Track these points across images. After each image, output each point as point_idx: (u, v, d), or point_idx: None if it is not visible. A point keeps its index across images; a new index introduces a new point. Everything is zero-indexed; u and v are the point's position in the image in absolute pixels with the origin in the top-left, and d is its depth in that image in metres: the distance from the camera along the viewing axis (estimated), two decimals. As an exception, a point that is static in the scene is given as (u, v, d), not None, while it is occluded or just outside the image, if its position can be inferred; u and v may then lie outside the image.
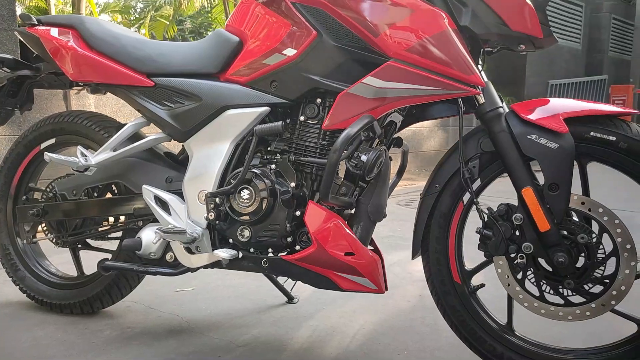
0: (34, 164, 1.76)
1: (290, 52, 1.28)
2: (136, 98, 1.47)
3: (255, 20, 1.34)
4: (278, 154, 1.34)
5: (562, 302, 1.17)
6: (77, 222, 1.65)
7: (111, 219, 1.64)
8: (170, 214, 1.40)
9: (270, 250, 1.33)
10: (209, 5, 10.85)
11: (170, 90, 1.43)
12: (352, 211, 1.34)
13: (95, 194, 1.64)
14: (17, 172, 1.76)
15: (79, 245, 1.72)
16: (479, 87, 1.18)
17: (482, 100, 1.20)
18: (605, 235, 1.13)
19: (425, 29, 1.14)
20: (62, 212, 1.61)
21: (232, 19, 1.42)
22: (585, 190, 1.19)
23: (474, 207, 1.22)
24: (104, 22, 1.57)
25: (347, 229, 1.26)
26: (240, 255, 1.35)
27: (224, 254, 1.29)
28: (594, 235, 1.13)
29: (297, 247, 1.32)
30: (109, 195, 1.65)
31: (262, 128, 1.29)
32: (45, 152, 1.54)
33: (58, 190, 1.61)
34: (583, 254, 1.14)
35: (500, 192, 1.48)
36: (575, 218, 1.16)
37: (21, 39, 1.67)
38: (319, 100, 1.30)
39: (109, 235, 1.67)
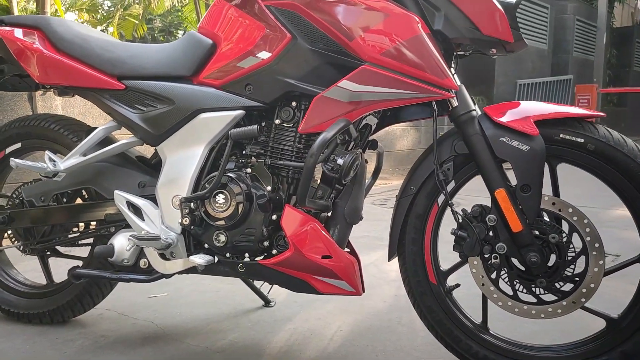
0: (-2, 169, 1.71)
1: (264, 55, 1.27)
2: (107, 101, 1.44)
3: (229, 23, 1.33)
4: (253, 158, 1.33)
5: (535, 300, 1.19)
6: (45, 228, 1.60)
7: (82, 226, 1.60)
8: (143, 220, 1.37)
9: (246, 254, 1.31)
10: (179, 4, 10.70)
11: (142, 94, 1.40)
12: (329, 214, 1.35)
13: (65, 200, 1.59)
14: (-18, 178, 1.70)
15: (48, 253, 1.67)
16: (453, 90, 1.19)
17: (455, 103, 1.21)
18: (575, 235, 1.16)
19: (400, 33, 1.15)
20: (29, 219, 1.56)
21: (204, 21, 1.40)
22: (556, 191, 1.22)
23: (449, 208, 1.24)
24: (72, 23, 1.53)
25: (323, 232, 1.26)
26: (216, 260, 1.33)
27: (199, 259, 1.28)
28: (564, 234, 1.16)
29: (274, 251, 1.31)
30: (79, 200, 1.61)
31: (237, 132, 1.28)
32: (11, 158, 1.49)
33: (25, 196, 1.56)
34: (554, 253, 1.17)
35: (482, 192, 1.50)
36: (546, 218, 1.19)
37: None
38: (294, 104, 1.29)
39: (80, 242, 1.62)
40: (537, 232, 1.18)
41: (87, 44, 1.45)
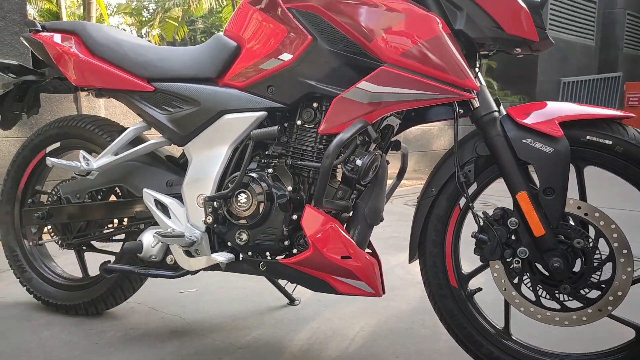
0: (40, 167, 1.80)
1: (286, 57, 1.29)
2: (137, 103, 1.49)
3: (253, 26, 1.35)
4: (276, 158, 1.35)
5: (559, 307, 1.16)
6: (81, 224, 1.68)
7: (116, 222, 1.67)
8: (170, 217, 1.42)
9: (267, 253, 1.34)
10: (219, 6, 10.90)
11: (169, 95, 1.44)
12: (350, 215, 1.35)
13: (100, 197, 1.66)
14: (24, 175, 1.80)
15: (84, 247, 1.75)
16: (474, 91, 1.17)
17: (476, 104, 1.19)
18: (602, 240, 1.12)
19: (419, 33, 1.14)
20: (66, 215, 1.64)
21: (230, 24, 1.43)
22: (582, 194, 1.18)
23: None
24: (107, 28, 1.60)
25: (344, 233, 1.27)
26: (241, 258, 1.36)
27: (221, 257, 1.31)
28: (590, 240, 1.13)
29: (295, 251, 1.33)
30: (113, 198, 1.68)
31: (258, 132, 1.30)
32: (48, 157, 1.57)
33: (62, 193, 1.64)
34: (579, 259, 1.13)
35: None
36: (572, 222, 1.16)
37: (27, 45, 1.70)
38: (315, 105, 1.30)
39: (113, 238, 1.69)
40: (561, 237, 1.14)
41: (120, 47, 1.51)
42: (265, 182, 1.30)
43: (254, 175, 1.31)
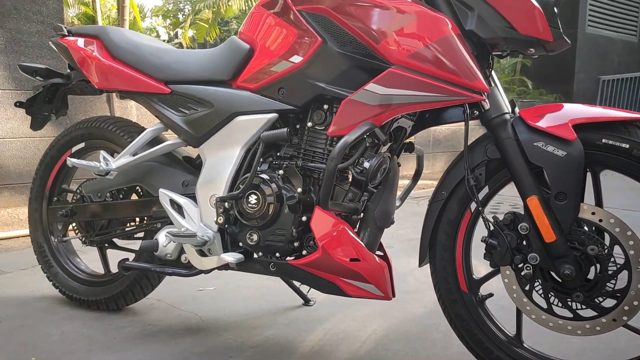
0: (66, 166, 1.85)
1: (296, 59, 1.29)
2: (154, 105, 1.53)
3: (265, 28, 1.36)
4: (287, 160, 1.35)
5: (571, 315, 1.12)
6: (103, 222, 1.73)
7: (137, 221, 1.72)
8: (184, 217, 1.45)
9: (277, 254, 1.35)
10: (249, 7, 11.04)
11: (185, 97, 1.47)
12: (360, 217, 1.34)
13: (121, 196, 1.71)
14: (51, 174, 1.87)
15: (106, 245, 1.80)
16: (485, 93, 1.15)
17: (487, 106, 1.17)
18: (617, 248, 1.08)
19: (427, 35, 1.13)
20: (88, 213, 1.70)
21: (244, 27, 1.45)
22: (598, 200, 1.14)
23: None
24: (127, 32, 1.64)
25: (353, 235, 1.26)
26: (255, 257, 1.38)
27: (229, 257, 1.33)
28: (604, 247, 1.08)
29: (304, 252, 1.33)
30: (134, 197, 1.72)
31: (268, 134, 1.31)
32: (68, 158, 1.63)
33: (85, 192, 1.70)
34: (593, 267, 1.10)
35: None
36: (586, 228, 1.12)
37: (55, 49, 1.76)
38: (326, 107, 1.30)
39: (135, 236, 1.74)
40: (575, 244, 1.11)
41: (139, 50, 1.55)
42: (275, 184, 1.31)
43: (264, 176, 1.32)
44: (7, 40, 3.84)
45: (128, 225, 1.73)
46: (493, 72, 1.29)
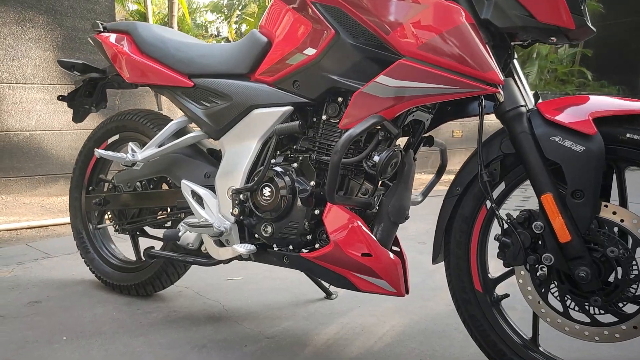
0: (102, 157, 1.95)
1: (310, 51, 1.29)
2: (179, 98, 1.57)
3: (281, 21, 1.37)
4: (303, 153, 1.36)
5: (589, 320, 1.06)
6: (134, 211, 1.81)
7: (168, 210, 1.77)
8: (204, 208, 1.48)
9: (291, 246, 1.35)
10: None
11: (206, 90, 1.50)
12: (375, 212, 1.33)
13: (152, 186, 1.77)
14: (89, 164, 1.96)
15: (138, 233, 1.88)
16: (500, 85, 1.10)
17: (502, 98, 1.12)
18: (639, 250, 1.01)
19: (438, 24, 1.09)
20: (118, 202, 1.77)
21: (263, 20, 1.45)
22: (622, 199, 1.06)
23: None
24: (155, 27, 1.69)
25: (365, 230, 1.25)
26: (269, 248, 1.39)
27: (241, 249, 1.35)
28: (627, 249, 1.01)
29: (317, 245, 1.33)
30: (165, 187, 1.78)
31: (280, 127, 1.32)
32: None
33: (116, 182, 1.77)
34: (614, 269, 1.03)
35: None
36: (608, 229, 1.05)
37: (93, 44, 1.85)
38: (340, 100, 1.29)
39: (165, 225, 1.80)
40: (593, 244, 1.04)
41: (165, 45, 1.60)
42: (288, 177, 1.32)
43: (278, 169, 1.33)
44: (65, 38, 4.07)
45: (158, 214, 1.79)
46: (516, 63, 1.24)
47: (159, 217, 1.77)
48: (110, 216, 1.89)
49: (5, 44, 3.88)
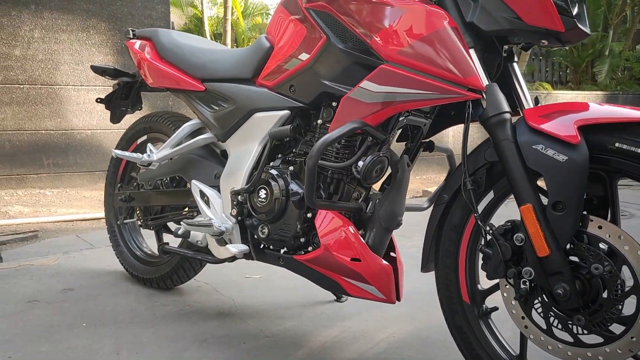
0: (133, 156, 2.07)
1: (304, 56, 1.30)
2: (192, 102, 1.64)
3: (281, 27, 1.40)
4: (300, 156, 1.38)
5: (572, 340, 1.00)
6: (158, 208, 1.91)
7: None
8: (209, 207, 1.54)
9: (285, 248, 1.38)
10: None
11: (216, 94, 1.56)
12: (367, 217, 1.32)
13: (174, 185, 1.86)
14: (122, 163, 2.09)
15: (162, 229, 1.97)
16: (483, 91, 1.06)
17: (485, 104, 1.07)
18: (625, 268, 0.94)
19: (417, 29, 1.07)
20: (141, 199, 1.88)
21: (268, 26, 1.49)
22: (613, 212, 0.99)
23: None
24: (175, 33, 1.78)
25: (355, 235, 1.25)
26: (270, 248, 1.42)
27: (234, 249, 1.39)
28: (611, 266, 0.94)
29: (310, 248, 1.35)
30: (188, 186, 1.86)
31: (274, 131, 1.34)
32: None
33: (139, 180, 1.88)
34: (599, 288, 0.96)
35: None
36: (598, 244, 0.98)
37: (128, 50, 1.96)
38: (334, 104, 1.30)
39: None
40: (582, 261, 0.98)
41: (181, 51, 1.67)
42: (282, 180, 1.34)
43: (273, 172, 1.36)
44: (124, 43, 4.34)
45: (181, 212, 1.88)
46: (516, 66, 1.19)
47: (180, 214, 1.86)
48: (138, 213, 2.00)
49: (72, 49, 4.20)
